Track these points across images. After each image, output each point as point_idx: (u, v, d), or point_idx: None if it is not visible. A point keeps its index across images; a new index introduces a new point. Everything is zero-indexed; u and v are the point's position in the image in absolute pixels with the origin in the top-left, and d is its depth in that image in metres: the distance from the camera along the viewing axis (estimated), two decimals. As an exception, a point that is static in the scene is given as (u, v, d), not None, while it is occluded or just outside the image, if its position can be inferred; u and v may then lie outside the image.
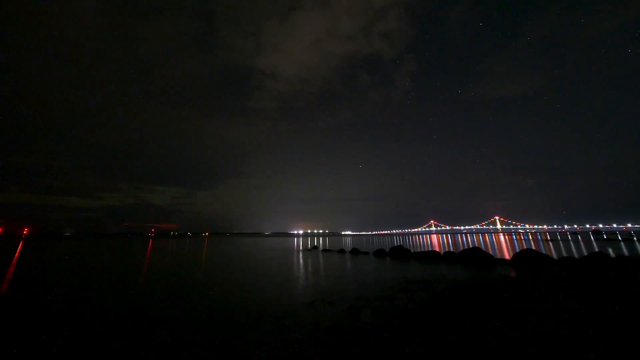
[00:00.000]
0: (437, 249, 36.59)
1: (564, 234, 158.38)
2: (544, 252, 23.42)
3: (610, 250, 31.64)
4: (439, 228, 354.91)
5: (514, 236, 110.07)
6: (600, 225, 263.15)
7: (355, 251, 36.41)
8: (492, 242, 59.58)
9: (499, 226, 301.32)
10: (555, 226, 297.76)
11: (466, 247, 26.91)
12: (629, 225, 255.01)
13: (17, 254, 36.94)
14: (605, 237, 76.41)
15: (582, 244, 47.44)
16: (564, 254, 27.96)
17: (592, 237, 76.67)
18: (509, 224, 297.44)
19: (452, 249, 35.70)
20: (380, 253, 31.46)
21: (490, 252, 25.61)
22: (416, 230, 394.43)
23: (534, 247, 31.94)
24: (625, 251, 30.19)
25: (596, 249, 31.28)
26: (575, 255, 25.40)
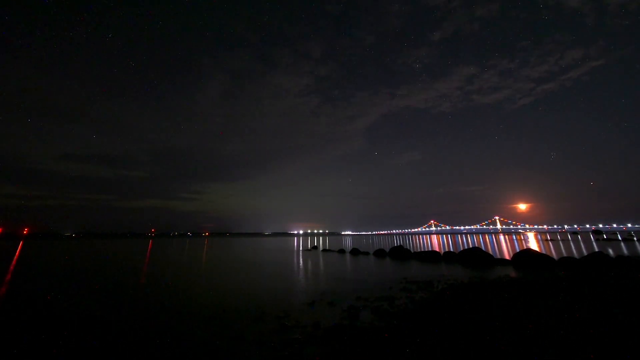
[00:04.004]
0: (437, 249, 36.58)
1: (564, 234, 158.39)
2: (544, 252, 23.41)
3: (610, 250, 31.67)
4: (439, 228, 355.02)
5: (514, 236, 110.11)
6: (600, 225, 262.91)
7: (355, 251, 36.42)
8: (492, 242, 59.59)
9: (499, 226, 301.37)
10: (555, 226, 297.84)
11: (466, 247, 26.92)
12: (629, 225, 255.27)
13: (17, 254, 36.97)
14: (605, 237, 76.44)
15: (582, 244, 47.45)
16: (564, 254, 27.93)
17: (592, 237, 76.68)
18: (509, 224, 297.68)
19: (452, 249, 35.71)
20: (380, 253, 31.47)
21: (490, 252, 25.60)
22: (416, 230, 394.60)
23: (534, 247, 31.93)
24: (625, 251, 30.21)
25: (596, 249, 31.25)
26: (575, 255, 25.38)
